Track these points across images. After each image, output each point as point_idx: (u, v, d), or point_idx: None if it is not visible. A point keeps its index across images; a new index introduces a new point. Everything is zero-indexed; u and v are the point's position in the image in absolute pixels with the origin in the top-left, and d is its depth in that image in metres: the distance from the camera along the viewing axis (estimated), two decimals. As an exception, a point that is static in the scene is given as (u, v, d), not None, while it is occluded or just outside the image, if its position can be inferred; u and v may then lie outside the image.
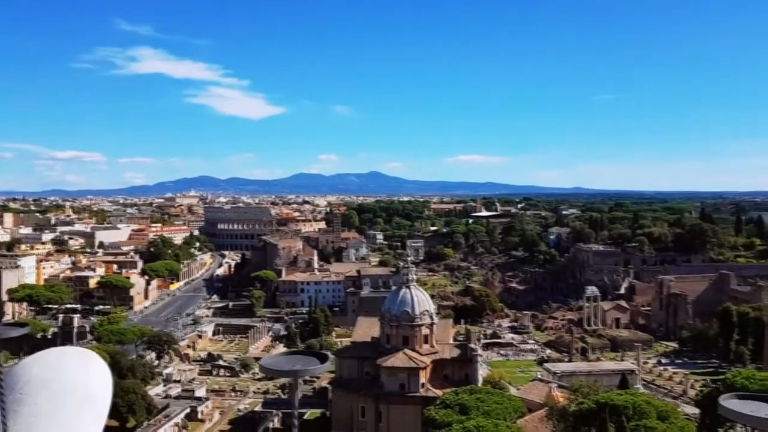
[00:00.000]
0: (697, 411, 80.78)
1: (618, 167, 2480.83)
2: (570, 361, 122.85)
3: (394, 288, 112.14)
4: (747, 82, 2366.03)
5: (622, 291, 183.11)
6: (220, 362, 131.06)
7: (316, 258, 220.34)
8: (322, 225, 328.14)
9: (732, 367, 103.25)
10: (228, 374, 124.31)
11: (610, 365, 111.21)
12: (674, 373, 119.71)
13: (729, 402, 12.94)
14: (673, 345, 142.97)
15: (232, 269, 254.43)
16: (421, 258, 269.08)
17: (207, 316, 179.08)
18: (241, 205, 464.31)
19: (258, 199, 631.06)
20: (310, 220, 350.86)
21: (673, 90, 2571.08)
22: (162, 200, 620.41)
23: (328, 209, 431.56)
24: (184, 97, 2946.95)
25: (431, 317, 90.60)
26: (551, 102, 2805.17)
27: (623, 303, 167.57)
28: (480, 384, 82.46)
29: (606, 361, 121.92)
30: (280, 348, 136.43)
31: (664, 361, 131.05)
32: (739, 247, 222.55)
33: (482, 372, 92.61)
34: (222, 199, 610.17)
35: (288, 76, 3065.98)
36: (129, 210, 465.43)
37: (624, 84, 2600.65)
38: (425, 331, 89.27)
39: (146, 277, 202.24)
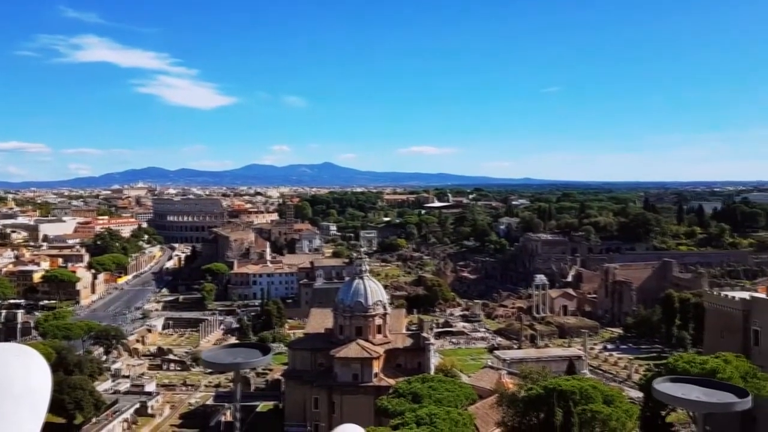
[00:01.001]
0: (641, 395, 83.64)
1: (566, 158, 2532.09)
2: (519, 348, 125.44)
3: (347, 279, 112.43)
4: (687, 78, 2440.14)
5: (570, 279, 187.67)
6: (171, 356, 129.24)
7: (268, 250, 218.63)
8: (275, 217, 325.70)
9: (674, 352, 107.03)
10: (179, 368, 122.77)
11: (558, 351, 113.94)
12: (619, 358, 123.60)
13: (662, 385, 13.57)
14: (618, 331, 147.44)
15: (183, 262, 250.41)
16: (375, 249, 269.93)
17: (156, 310, 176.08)
18: (191, 196, 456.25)
19: (209, 191, 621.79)
20: (262, 212, 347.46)
21: (617, 83, 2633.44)
22: (109, 192, 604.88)
23: (280, 201, 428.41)
24: (132, 87, 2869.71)
25: (384, 307, 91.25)
26: (502, 94, 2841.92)
27: (570, 291, 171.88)
28: (432, 372, 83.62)
29: (554, 348, 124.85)
30: (233, 341, 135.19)
31: (609, 346, 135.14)
32: (681, 235, 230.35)
33: (434, 360, 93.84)
34: (171, 191, 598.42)
35: (240, 66, 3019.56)
36: (74, 202, 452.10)
37: (570, 77, 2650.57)
38: (378, 321, 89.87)
39: (93, 271, 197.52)
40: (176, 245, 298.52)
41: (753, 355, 70.93)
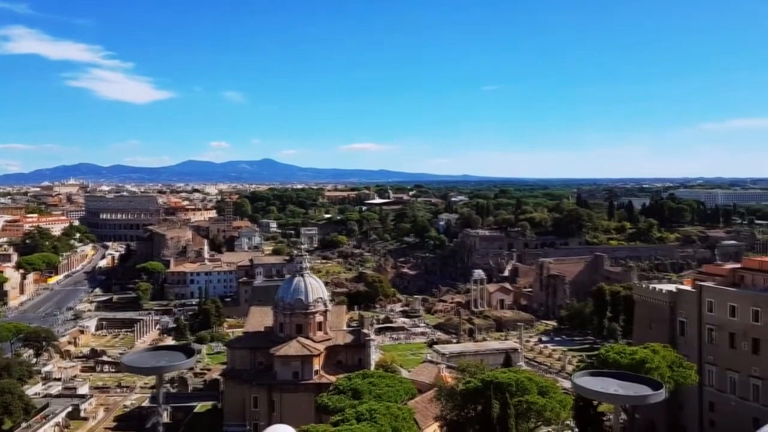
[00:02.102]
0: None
1: (503, 155, 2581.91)
2: (458, 342, 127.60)
3: (288, 277, 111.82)
4: (618, 79, 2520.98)
5: (506, 273, 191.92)
6: (104, 358, 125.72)
7: (206, 248, 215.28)
8: (213, 214, 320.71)
9: (605, 343, 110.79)
10: (113, 370, 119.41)
11: (495, 345, 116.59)
12: (554, 350, 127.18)
13: (581, 379, 14.22)
14: (553, 323, 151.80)
15: (116, 261, 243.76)
16: (315, 246, 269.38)
17: (89, 310, 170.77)
18: (125, 194, 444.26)
19: (144, 188, 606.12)
20: (200, 209, 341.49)
21: (553, 83, 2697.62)
22: (38, 189, 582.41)
23: (219, 198, 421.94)
24: (63, 80, 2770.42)
25: (325, 304, 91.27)
26: (442, 92, 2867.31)
27: (507, 285, 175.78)
28: (373, 368, 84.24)
29: (491, 341, 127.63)
30: (169, 341, 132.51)
31: (544, 339, 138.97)
32: (612, 230, 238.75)
33: (375, 356, 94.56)
34: (104, 188, 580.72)
35: (176, 60, 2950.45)
36: (2, 199, 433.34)
37: (509, 75, 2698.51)
38: (319, 318, 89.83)
39: (22, 271, 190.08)
40: (110, 244, 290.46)
41: (679, 344, 74.20)
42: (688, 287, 79.12)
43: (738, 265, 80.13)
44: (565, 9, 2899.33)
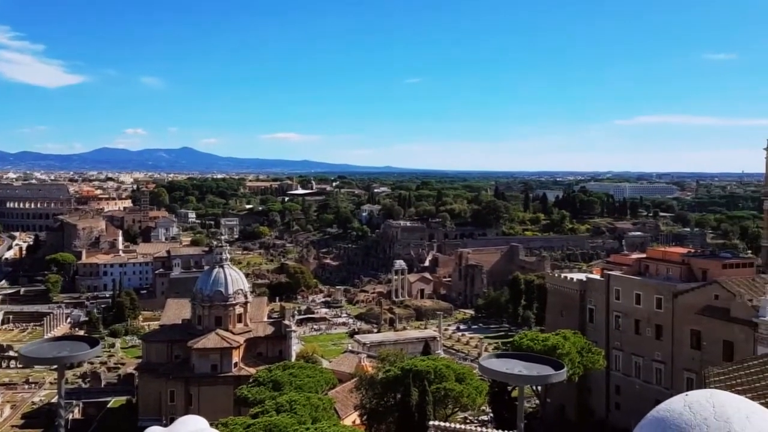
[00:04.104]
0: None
1: (425, 147, 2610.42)
2: (379, 331, 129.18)
3: (207, 268, 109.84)
4: (533, 76, 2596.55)
5: (427, 264, 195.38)
6: (11, 353, 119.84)
7: (121, 239, 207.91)
8: (128, 203, 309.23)
9: (520, 330, 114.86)
10: (20, 365, 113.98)
11: (415, 333, 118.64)
12: (471, 337, 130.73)
13: (487, 361, 14.97)
14: (471, 312, 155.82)
15: (24, 252, 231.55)
16: (236, 236, 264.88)
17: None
18: (34, 181, 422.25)
19: (54, 176, 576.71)
20: (114, 199, 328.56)
21: (471, 77, 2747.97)
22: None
23: (134, 187, 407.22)
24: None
25: (245, 296, 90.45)
26: (365, 83, 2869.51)
27: (427, 275, 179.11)
28: (294, 359, 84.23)
29: (411, 330, 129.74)
30: (81, 335, 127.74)
31: (462, 327, 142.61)
32: (527, 221, 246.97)
33: (296, 348, 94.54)
34: (11, 175, 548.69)
35: (90, 43, 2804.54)
36: None
37: (431, 69, 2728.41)
38: (239, 310, 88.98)
39: None
40: (17, 234, 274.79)
41: (588, 331, 77.83)
42: (596, 276, 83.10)
43: (643, 255, 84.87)
44: (486, 4, 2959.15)
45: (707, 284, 65.87)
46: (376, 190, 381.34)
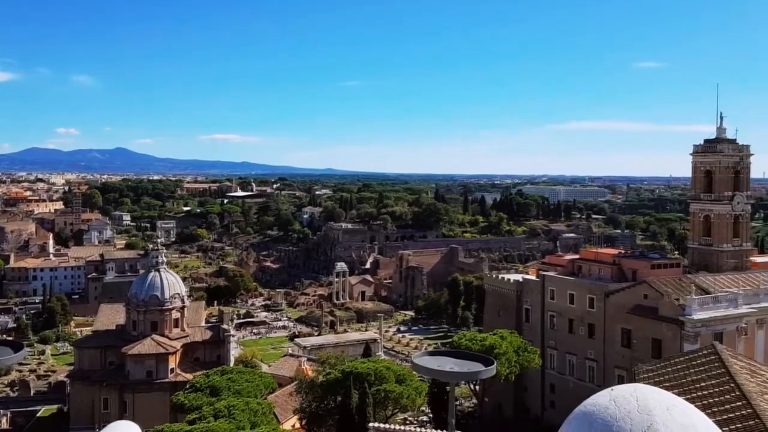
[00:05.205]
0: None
1: (366, 150, 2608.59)
2: (320, 334, 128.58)
3: (142, 272, 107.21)
4: (472, 81, 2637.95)
5: (368, 266, 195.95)
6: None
7: (51, 242, 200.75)
8: (60, 205, 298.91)
9: (459, 331, 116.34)
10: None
11: (356, 336, 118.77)
12: (411, 339, 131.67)
13: (420, 359, 15.17)
14: (411, 313, 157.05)
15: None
16: (173, 239, 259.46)
17: None
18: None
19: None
20: (44, 200, 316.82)
21: (410, 82, 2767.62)
22: None
23: (66, 188, 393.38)
24: None
25: (182, 300, 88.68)
26: (304, 85, 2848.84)
27: (368, 277, 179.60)
28: (232, 364, 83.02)
29: (352, 333, 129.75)
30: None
31: (402, 328, 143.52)
32: (466, 223, 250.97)
33: (234, 352, 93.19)
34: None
35: (19, 39, 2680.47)
36: None
37: (369, 71, 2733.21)
38: (176, 314, 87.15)
39: None
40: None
41: (524, 330, 79.50)
42: (532, 277, 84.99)
43: (576, 256, 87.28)
44: (427, 9, 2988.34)
45: (637, 284, 68.22)
46: (317, 193, 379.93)
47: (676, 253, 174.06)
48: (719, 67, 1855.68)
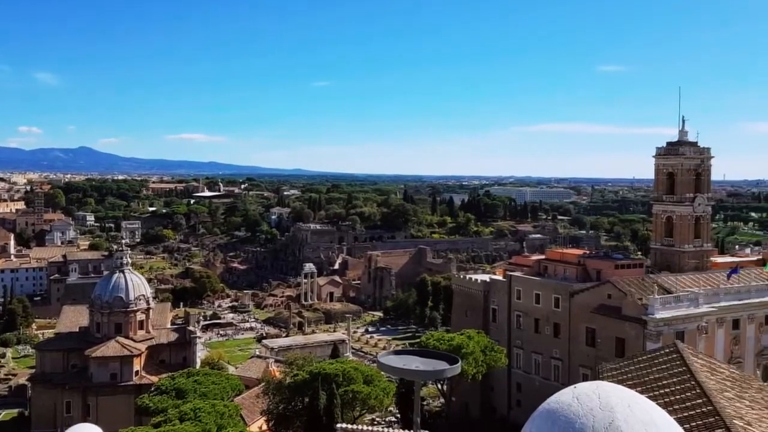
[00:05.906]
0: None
1: (335, 151, 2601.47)
2: (287, 335, 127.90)
3: (106, 273, 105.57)
4: (440, 82, 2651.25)
5: (337, 266, 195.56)
6: None
7: (12, 242, 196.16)
8: (21, 205, 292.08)
9: (427, 331, 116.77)
10: None
11: (324, 337, 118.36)
12: (379, 339, 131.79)
13: (386, 358, 15.20)
14: (379, 314, 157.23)
15: None
16: (138, 240, 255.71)
17: None
18: None
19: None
20: (5, 200, 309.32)
21: (379, 83, 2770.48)
22: None
23: (28, 188, 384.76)
24: None
25: (147, 302, 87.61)
26: (272, 85, 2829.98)
27: (337, 278, 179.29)
28: (198, 366, 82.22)
29: (320, 333, 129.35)
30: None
31: (371, 329, 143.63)
32: (434, 224, 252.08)
33: (201, 354, 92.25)
34: None
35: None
36: None
37: (337, 71, 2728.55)
38: (141, 316, 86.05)
39: None
40: None
41: (491, 330, 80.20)
42: (499, 277, 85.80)
43: (542, 257, 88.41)
44: (397, 10, 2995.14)
45: (601, 284, 69.37)
46: (285, 193, 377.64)
47: (639, 253, 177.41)
48: (681, 70, 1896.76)
